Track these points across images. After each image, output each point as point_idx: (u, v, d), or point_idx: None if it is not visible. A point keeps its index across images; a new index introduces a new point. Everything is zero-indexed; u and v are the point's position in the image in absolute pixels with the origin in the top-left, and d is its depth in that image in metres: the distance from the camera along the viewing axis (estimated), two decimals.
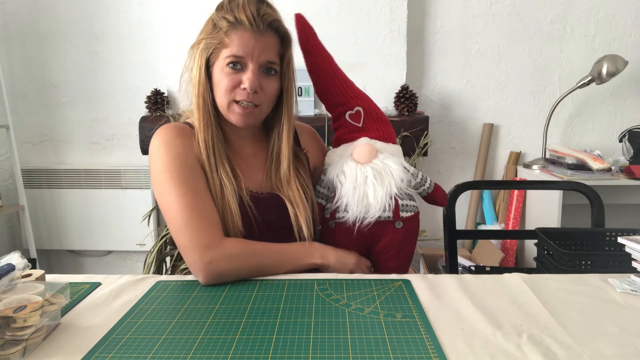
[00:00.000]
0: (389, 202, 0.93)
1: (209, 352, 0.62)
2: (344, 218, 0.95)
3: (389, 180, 0.93)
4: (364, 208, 0.93)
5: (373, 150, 0.96)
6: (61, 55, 2.36)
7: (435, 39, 2.36)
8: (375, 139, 0.99)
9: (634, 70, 2.32)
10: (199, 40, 0.94)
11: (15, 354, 0.61)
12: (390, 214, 0.94)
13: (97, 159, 2.45)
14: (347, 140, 1.00)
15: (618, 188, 2.13)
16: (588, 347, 0.63)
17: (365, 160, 0.95)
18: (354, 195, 0.93)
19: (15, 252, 0.74)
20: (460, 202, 2.43)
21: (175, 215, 0.88)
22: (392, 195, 0.94)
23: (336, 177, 0.97)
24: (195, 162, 0.92)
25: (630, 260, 0.85)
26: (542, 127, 2.33)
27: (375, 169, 0.94)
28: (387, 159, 0.96)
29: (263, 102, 0.93)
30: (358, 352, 0.62)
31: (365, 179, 0.93)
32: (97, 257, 2.54)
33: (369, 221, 0.94)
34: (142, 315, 0.74)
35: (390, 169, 0.94)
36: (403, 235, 0.98)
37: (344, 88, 1.01)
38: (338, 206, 0.96)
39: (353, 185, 0.93)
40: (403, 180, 0.95)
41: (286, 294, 0.81)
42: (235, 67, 0.90)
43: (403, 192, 0.96)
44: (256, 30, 0.89)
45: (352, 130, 1.01)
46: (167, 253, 1.59)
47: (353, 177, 0.94)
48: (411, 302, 0.76)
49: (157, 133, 0.95)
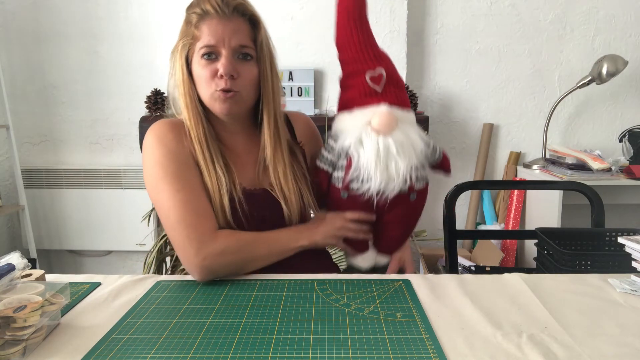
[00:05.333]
0: (410, 175, 0.89)
1: (209, 352, 0.62)
2: (361, 190, 0.91)
3: (410, 153, 0.89)
4: (385, 181, 0.89)
5: (394, 120, 0.89)
6: (61, 55, 2.36)
7: (435, 39, 2.36)
8: (394, 106, 0.91)
9: (634, 70, 2.32)
10: (176, 43, 0.94)
11: (15, 354, 0.61)
12: (407, 186, 0.91)
13: (97, 159, 2.45)
14: (362, 104, 0.92)
15: (618, 188, 2.13)
16: (588, 347, 0.63)
17: (387, 131, 0.88)
18: (376, 168, 0.88)
19: (15, 252, 0.74)
20: (460, 202, 2.44)
21: (169, 212, 0.88)
22: (413, 167, 0.90)
23: (353, 146, 0.90)
24: (189, 158, 0.92)
25: (630, 260, 0.85)
26: (542, 127, 2.33)
27: (398, 141, 0.88)
28: (409, 130, 0.91)
29: (242, 88, 0.92)
30: (358, 352, 0.62)
31: (387, 152, 0.88)
32: (97, 257, 2.53)
33: (389, 194, 0.90)
34: (142, 315, 0.74)
35: (413, 142, 0.90)
36: (415, 207, 0.96)
37: (368, 43, 0.94)
38: (353, 178, 0.91)
39: (374, 157, 0.87)
40: (422, 151, 0.91)
41: (286, 294, 0.81)
42: (210, 57, 0.90)
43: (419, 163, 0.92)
44: (222, 16, 0.89)
45: (368, 93, 0.92)
46: (167, 253, 1.59)
47: (374, 149, 0.87)
48: (411, 302, 0.76)
49: (150, 128, 0.95)
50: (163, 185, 0.89)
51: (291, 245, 0.93)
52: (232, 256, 0.87)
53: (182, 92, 0.94)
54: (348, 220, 0.96)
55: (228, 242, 0.87)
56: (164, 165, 0.90)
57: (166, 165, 0.90)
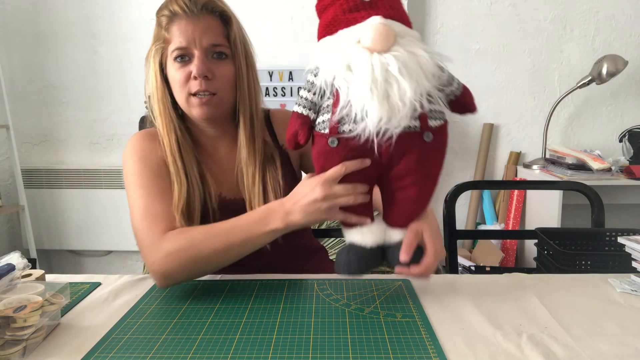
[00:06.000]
0: (419, 102, 0.67)
1: (209, 352, 0.62)
2: (355, 131, 0.68)
3: (417, 72, 0.67)
4: (386, 113, 0.66)
5: (391, 34, 0.67)
6: (61, 55, 2.36)
7: (435, 39, 2.36)
8: (389, 18, 0.69)
9: (634, 70, 2.32)
10: (149, 49, 0.92)
11: (15, 354, 0.61)
12: (417, 122, 0.68)
13: (97, 159, 2.45)
14: (347, 23, 0.69)
15: (618, 188, 2.13)
16: (588, 347, 0.63)
17: (382, 47, 0.66)
18: (372, 96, 0.65)
19: (15, 252, 0.74)
20: (460, 202, 2.43)
21: (131, 218, 0.86)
22: (423, 93, 0.67)
23: (337, 75, 0.68)
24: (160, 165, 0.90)
25: (630, 260, 0.85)
26: (542, 127, 2.33)
27: (399, 58, 0.66)
28: (412, 44, 0.68)
29: (219, 89, 0.88)
30: (358, 352, 0.62)
31: (386, 73, 0.65)
32: (97, 257, 2.53)
33: (393, 132, 0.67)
34: (142, 315, 0.74)
35: (419, 60, 0.67)
36: (433, 152, 0.72)
37: None
38: (343, 116, 0.69)
39: (369, 82, 0.65)
40: (434, 75, 0.69)
41: (286, 294, 0.81)
42: (183, 60, 0.87)
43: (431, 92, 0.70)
44: (191, 15, 0.86)
45: (353, 7, 0.70)
46: None
47: (368, 72, 0.65)
48: (411, 302, 0.76)
49: (128, 141, 0.94)
50: (130, 192, 0.88)
51: (258, 230, 0.78)
52: (181, 255, 0.79)
53: (155, 99, 0.91)
54: (331, 181, 0.72)
55: (174, 241, 0.80)
56: (134, 172, 0.89)
57: (134, 172, 0.89)
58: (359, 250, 0.76)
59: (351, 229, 0.77)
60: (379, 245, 0.76)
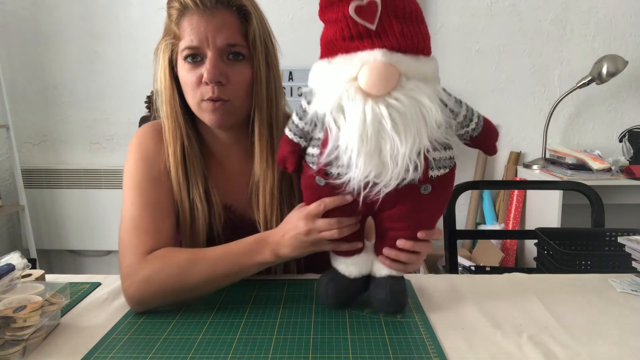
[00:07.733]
0: (416, 161, 0.60)
1: (209, 352, 0.62)
2: (341, 178, 0.64)
3: (417, 127, 0.59)
4: (375, 169, 0.60)
5: (394, 75, 0.59)
6: (61, 55, 2.36)
7: (435, 39, 2.35)
8: (396, 51, 0.61)
9: (634, 70, 2.32)
10: (159, 43, 0.83)
11: (15, 354, 0.61)
12: (416, 175, 0.62)
13: (97, 159, 2.45)
14: (347, 49, 0.62)
15: (618, 188, 2.13)
16: (588, 347, 0.63)
17: (379, 91, 0.59)
18: (359, 151, 0.59)
19: (15, 252, 0.74)
20: (460, 202, 2.43)
21: (120, 221, 0.80)
22: (421, 150, 0.60)
23: (330, 113, 0.61)
24: (162, 172, 0.82)
25: (630, 260, 0.85)
26: (542, 127, 2.33)
27: (396, 108, 0.59)
28: (417, 90, 0.60)
29: (233, 96, 0.78)
30: (358, 352, 0.62)
31: (379, 126, 0.59)
32: (97, 257, 2.53)
33: (382, 189, 0.62)
34: (142, 315, 0.73)
35: (422, 109, 0.60)
36: (430, 202, 0.66)
37: None
38: (331, 160, 0.64)
39: (359, 132, 0.59)
40: (441, 126, 0.61)
41: (286, 294, 0.81)
42: (194, 60, 0.77)
43: (439, 140, 0.63)
44: (204, 10, 0.76)
45: (355, 34, 0.61)
46: None
47: (359, 120, 0.59)
48: (411, 302, 0.76)
49: (136, 132, 0.88)
50: (125, 195, 0.82)
51: (246, 261, 0.73)
52: (161, 283, 0.72)
53: (163, 100, 0.83)
54: (312, 215, 0.69)
55: (155, 267, 0.73)
56: (132, 174, 0.83)
57: (133, 174, 0.82)
58: (339, 280, 0.73)
59: (338, 256, 0.74)
60: (364, 275, 0.74)
